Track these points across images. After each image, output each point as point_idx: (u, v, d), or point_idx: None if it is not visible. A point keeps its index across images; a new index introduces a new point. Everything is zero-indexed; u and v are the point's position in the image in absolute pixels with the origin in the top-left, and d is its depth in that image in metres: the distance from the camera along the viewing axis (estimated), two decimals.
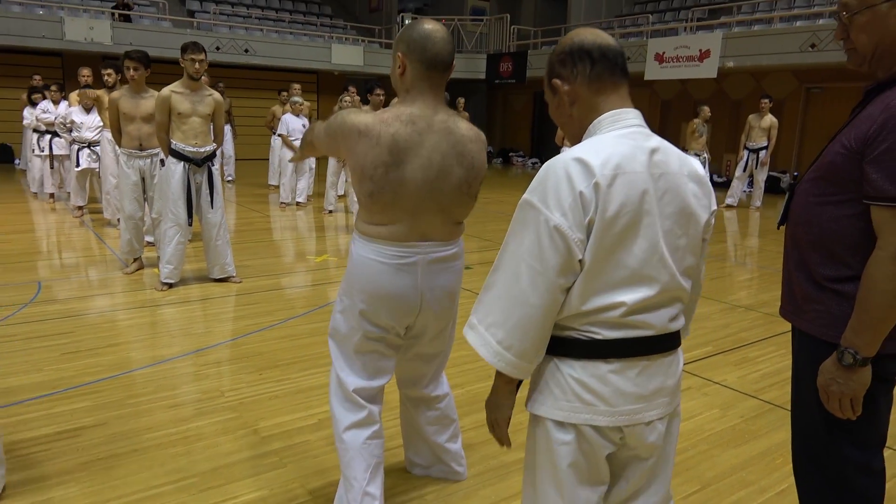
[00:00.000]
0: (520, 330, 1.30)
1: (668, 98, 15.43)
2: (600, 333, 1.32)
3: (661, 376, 1.39)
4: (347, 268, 2.06)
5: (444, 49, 1.90)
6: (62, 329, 3.98)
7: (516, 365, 1.33)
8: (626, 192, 1.27)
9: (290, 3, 19.27)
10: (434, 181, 1.90)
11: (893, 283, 1.38)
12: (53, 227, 7.37)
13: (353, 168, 1.91)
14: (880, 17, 1.45)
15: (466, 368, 3.56)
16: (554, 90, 1.41)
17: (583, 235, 1.26)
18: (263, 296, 4.87)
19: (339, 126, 1.93)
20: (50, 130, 8.63)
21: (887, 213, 1.39)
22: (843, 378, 1.48)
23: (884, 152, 1.39)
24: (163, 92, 4.66)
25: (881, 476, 1.64)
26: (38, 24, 13.15)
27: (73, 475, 2.41)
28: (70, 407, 2.95)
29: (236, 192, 10.82)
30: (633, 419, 1.36)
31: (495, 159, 19.65)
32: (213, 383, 3.28)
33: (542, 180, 1.29)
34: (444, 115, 1.93)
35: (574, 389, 1.34)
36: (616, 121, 1.35)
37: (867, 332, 1.43)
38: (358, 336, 2.05)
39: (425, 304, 2.03)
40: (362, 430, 2.10)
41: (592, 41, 1.36)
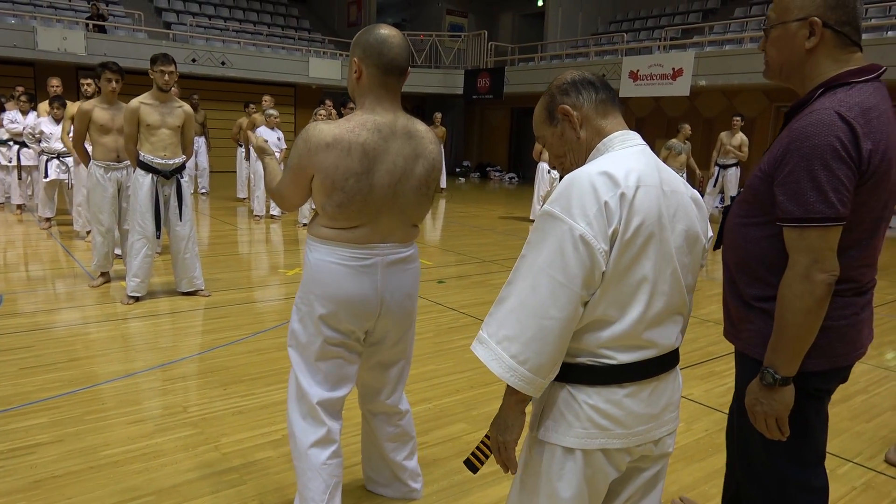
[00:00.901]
0: (537, 343, 1.26)
1: (643, 115, 15.65)
2: (615, 357, 1.32)
3: (669, 393, 1.41)
4: (304, 274, 2.04)
5: (400, 54, 1.90)
6: (22, 343, 3.88)
7: (531, 381, 1.28)
8: (647, 204, 1.28)
9: (268, 16, 19.27)
10: (397, 185, 1.93)
11: (805, 301, 1.40)
12: (19, 239, 7.22)
13: (322, 181, 1.87)
14: (790, 34, 1.50)
15: (435, 383, 3.54)
16: (557, 119, 1.43)
17: (607, 246, 1.25)
18: (232, 309, 4.81)
19: (303, 149, 1.88)
20: (18, 141, 8.49)
21: (794, 233, 1.43)
22: (766, 398, 1.49)
23: (787, 175, 1.42)
24: (132, 103, 4.61)
25: (824, 492, 1.65)
26: (10, 33, 12.99)
27: (24, 494, 2.34)
28: (25, 423, 2.87)
29: (210, 205, 10.72)
30: (645, 438, 1.38)
31: (472, 174, 19.73)
32: (177, 399, 3.22)
33: (566, 191, 1.27)
34: (403, 120, 1.96)
35: (590, 416, 1.33)
36: (626, 139, 1.38)
37: (785, 351, 1.45)
38: (318, 342, 2.01)
39: (385, 306, 2.03)
40: (323, 450, 2.06)
41: (591, 76, 1.43)
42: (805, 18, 1.47)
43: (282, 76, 16.21)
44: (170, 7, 17.43)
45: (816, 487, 1.63)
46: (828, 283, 1.41)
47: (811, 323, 1.42)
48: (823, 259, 1.40)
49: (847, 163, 1.38)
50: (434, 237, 8.72)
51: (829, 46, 1.48)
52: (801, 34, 1.48)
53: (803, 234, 1.41)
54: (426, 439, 2.89)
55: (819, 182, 1.38)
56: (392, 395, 2.28)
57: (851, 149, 1.38)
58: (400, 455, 2.37)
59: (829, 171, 1.37)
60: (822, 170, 1.38)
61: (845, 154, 1.38)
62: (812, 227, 1.40)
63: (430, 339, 4.32)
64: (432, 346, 4.15)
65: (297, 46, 17.68)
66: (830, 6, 1.45)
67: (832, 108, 1.40)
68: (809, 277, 1.40)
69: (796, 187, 1.41)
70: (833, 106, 1.40)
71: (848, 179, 1.39)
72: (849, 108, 1.40)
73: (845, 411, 3.40)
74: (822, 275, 1.40)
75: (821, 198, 1.38)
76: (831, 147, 1.37)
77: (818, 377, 1.53)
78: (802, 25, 1.47)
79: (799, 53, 1.50)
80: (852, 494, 2.59)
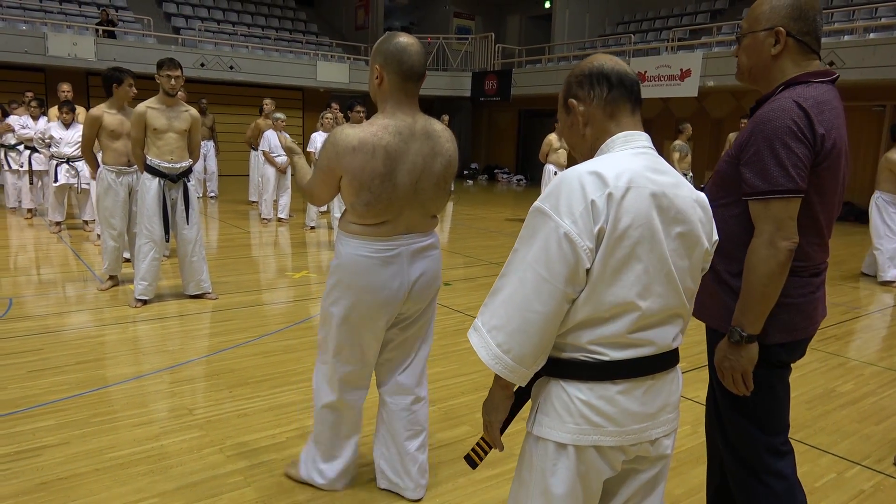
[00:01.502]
0: (520, 335, 1.30)
1: (650, 116, 15.60)
2: (608, 354, 1.33)
3: (666, 393, 1.41)
4: (335, 265, 2.22)
5: (418, 61, 2.08)
6: (31, 346, 3.91)
7: (513, 369, 1.33)
8: (637, 206, 1.29)
9: (276, 20, 19.37)
10: (417, 182, 2.11)
11: (769, 264, 1.58)
12: (30, 243, 7.28)
13: (350, 182, 2.06)
14: (758, 42, 1.71)
15: (440, 385, 3.53)
16: (569, 109, 1.45)
17: (591, 244, 1.27)
18: (239, 312, 4.82)
19: (331, 153, 2.06)
20: (29, 146, 8.56)
21: (759, 205, 1.61)
22: (734, 354, 1.67)
23: (753, 154, 1.61)
24: (138, 108, 4.63)
25: (791, 458, 1.82)
26: (21, 39, 13.11)
27: (30, 495, 2.36)
28: (33, 426, 2.89)
29: (219, 208, 10.77)
30: (640, 437, 1.37)
31: (480, 176, 19.73)
32: (183, 401, 3.23)
33: (556, 189, 1.31)
34: (422, 121, 2.14)
35: (582, 412, 1.34)
36: (628, 141, 1.39)
37: (750, 312, 1.62)
38: (347, 326, 2.22)
39: (412, 291, 2.22)
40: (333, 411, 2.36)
41: (612, 67, 1.42)
42: (771, 28, 1.68)
43: (289, 80, 16.28)
44: (178, 12, 17.55)
45: (784, 452, 1.80)
46: (789, 248, 1.59)
47: (774, 285, 1.60)
48: (785, 227, 1.58)
49: (804, 142, 1.57)
50: (442, 239, 8.73)
51: (793, 53, 1.69)
52: (767, 42, 1.69)
53: (768, 206, 1.59)
54: (432, 441, 2.88)
55: (780, 159, 1.57)
56: (411, 373, 2.41)
57: (807, 131, 1.57)
58: (413, 444, 2.41)
59: (788, 149, 1.56)
60: (782, 148, 1.57)
61: (801, 135, 1.57)
62: (775, 199, 1.58)
63: (435, 341, 4.30)
64: (438, 349, 4.15)
65: (304, 50, 17.76)
66: (794, 18, 1.66)
67: (791, 98, 1.60)
68: (773, 244, 1.58)
69: (761, 164, 1.59)
70: (791, 96, 1.61)
71: (805, 157, 1.58)
72: (805, 98, 1.60)
73: (854, 413, 3.37)
74: (785, 242, 1.58)
75: (783, 172, 1.57)
76: (789, 128, 1.57)
77: (782, 349, 1.71)
78: (769, 34, 1.68)
79: (766, 59, 1.71)
80: (860, 498, 2.57)
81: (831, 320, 5.18)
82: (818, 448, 2.97)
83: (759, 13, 1.70)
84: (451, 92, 18.40)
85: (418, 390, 2.43)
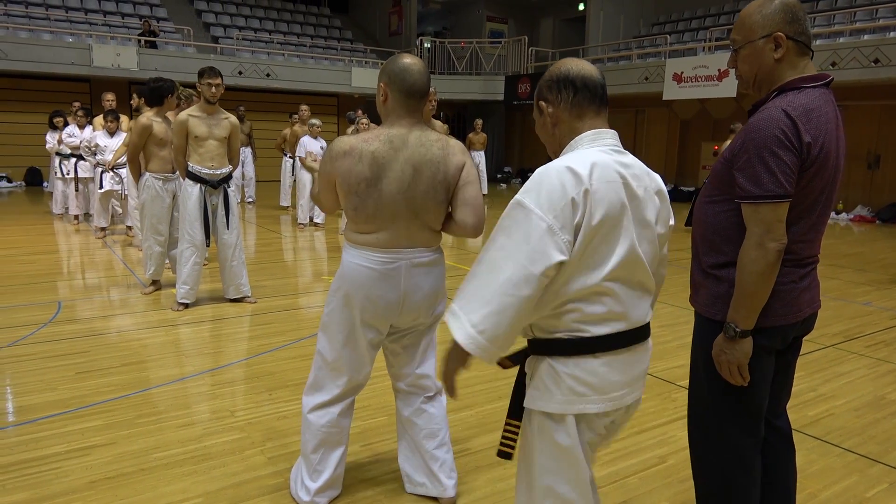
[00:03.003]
0: (495, 317, 1.43)
1: (688, 118, 15.37)
2: (588, 331, 1.50)
3: (640, 363, 1.60)
4: (338, 272, 2.28)
5: (419, 80, 2.17)
6: (79, 348, 4.03)
7: (486, 349, 1.46)
8: (609, 198, 1.45)
9: (312, 27, 19.65)
10: (406, 191, 2.13)
11: (759, 264, 1.68)
12: (76, 248, 7.51)
13: (341, 185, 2.15)
14: (758, 50, 1.78)
15: (476, 390, 3.53)
16: (540, 111, 1.62)
17: (570, 237, 1.43)
18: (277, 316, 4.89)
19: (327, 158, 2.17)
20: (75, 154, 8.84)
21: (750, 208, 1.71)
22: (729, 349, 1.75)
23: (745, 161, 1.71)
24: (180, 116, 4.75)
25: (756, 442, 1.89)
26: (68, 51, 13.56)
27: (80, 494, 2.43)
28: (81, 426, 2.98)
29: (256, 213, 10.95)
30: (619, 403, 1.55)
31: (514, 179, 19.68)
32: (224, 403, 3.29)
33: (537, 185, 1.45)
34: (418, 132, 2.18)
35: (568, 384, 1.50)
36: (595, 139, 1.55)
37: (743, 308, 1.72)
38: (344, 332, 2.26)
39: (406, 305, 2.24)
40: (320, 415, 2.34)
41: (577, 72, 1.57)
42: (770, 35, 1.76)
43: (325, 86, 16.49)
44: (217, 22, 17.94)
45: (757, 436, 1.89)
46: (777, 249, 1.68)
47: (765, 283, 1.70)
48: (774, 230, 1.68)
49: (791, 150, 1.66)
50: (475, 243, 8.72)
51: (792, 55, 1.78)
52: (768, 48, 1.77)
53: (758, 209, 1.69)
54: (468, 446, 2.88)
55: (769, 166, 1.66)
56: (423, 365, 2.42)
57: (794, 139, 1.66)
58: (431, 443, 2.42)
59: (776, 157, 1.66)
60: (770, 156, 1.66)
61: (788, 143, 1.66)
62: (764, 203, 1.68)
63: None
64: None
65: (339, 57, 17.97)
66: (788, 21, 1.75)
67: (780, 107, 1.69)
68: (763, 245, 1.67)
69: (752, 171, 1.69)
70: (781, 105, 1.69)
71: (792, 164, 1.67)
72: (794, 107, 1.68)
73: None
74: (773, 243, 1.67)
75: (772, 179, 1.66)
76: (776, 137, 1.66)
77: (760, 334, 1.77)
78: (769, 41, 1.76)
79: (769, 65, 1.78)
80: None
81: (880, 325, 5.02)
82: (868, 457, 2.88)
83: (752, 22, 1.79)
84: (484, 96, 18.40)
85: (430, 381, 2.43)
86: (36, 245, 7.54)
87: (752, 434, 1.88)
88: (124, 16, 16.44)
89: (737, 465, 1.88)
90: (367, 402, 3.29)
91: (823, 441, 3.03)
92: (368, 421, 3.11)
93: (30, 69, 13.38)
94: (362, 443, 2.89)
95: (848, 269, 7.41)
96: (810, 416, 3.31)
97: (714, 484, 1.94)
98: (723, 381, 1.82)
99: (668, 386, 3.67)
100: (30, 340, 4.15)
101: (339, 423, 2.35)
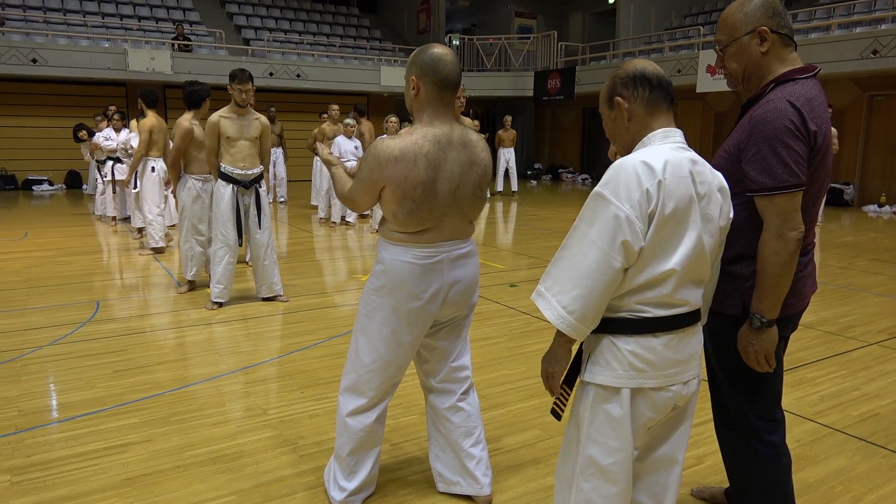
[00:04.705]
0: (582, 299, 1.56)
1: (722, 110, 15.06)
2: (651, 312, 1.60)
3: (694, 344, 1.69)
4: (379, 270, 2.21)
5: (453, 70, 2.10)
6: (116, 347, 4.11)
7: (576, 328, 1.59)
8: (679, 192, 1.55)
9: (341, 27, 19.76)
10: (455, 190, 2.13)
11: (780, 255, 1.72)
12: (114, 249, 7.68)
13: (393, 192, 2.06)
14: (744, 46, 1.86)
15: (508, 388, 3.50)
16: (614, 106, 1.70)
17: (645, 226, 1.54)
18: (309, 314, 4.93)
19: (374, 164, 2.07)
20: (112, 157, 9.03)
21: (766, 200, 1.75)
22: (756, 339, 1.80)
23: (754, 154, 1.75)
24: (212, 118, 4.81)
25: (782, 423, 1.99)
26: (104, 56, 13.87)
27: (117, 490, 2.47)
28: (118, 423, 3.03)
29: (288, 213, 11.06)
30: (675, 379, 1.65)
31: (544, 176, 19.53)
32: (257, 401, 3.32)
33: (614, 177, 1.55)
34: (459, 130, 2.15)
35: (629, 360, 1.61)
36: (666, 136, 1.64)
37: (767, 299, 1.76)
38: (386, 331, 2.21)
39: (448, 298, 2.23)
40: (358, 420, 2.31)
41: (652, 71, 1.67)
42: (754, 30, 1.83)
43: (354, 86, 16.57)
44: (248, 24, 18.16)
45: (777, 418, 1.97)
46: (797, 238, 1.72)
47: (787, 273, 1.74)
48: (792, 219, 1.72)
49: (801, 139, 1.71)
50: (506, 241, 8.68)
51: (777, 47, 1.84)
52: (753, 43, 1.84)
53: (773, 201, 1.73)
54: (500, 445, 2.85)
55: (782, 157, 1.71)
56: (460, 358, 2.41)
57: (802, 129, 1.71)
58: (468, 441, 2.39)
59: (788, 147, 1.71)
60: (782, 147, 1.71)
61: (798, 133, 1.71)
62: (780, 194, 1.72)
63: (502, 343, 4.28)
64: (505, 351, 4.11)
65: (368, 56, 18.05)
66: (769, 16, 1.83)
67: (784, 98, 1.73)
68: (782, 235, 1.72)
69: (764, 163, 1.73)
70: (784, 96, 1.74)
71: (803, 153, 1.72)
72: (796, 97, 1.73)
73: None
74: (792, 232, 1.72)
75: (786, 169, 1.71)
76: (787, 128, 1.70)
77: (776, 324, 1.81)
78: (753, 36, 1.84)
79: (756, 59, 1.85)
80: None
81: None
82: None
83: (734, 21, 1.86)
84: (513, 92, 18.29)
85: (464, 372, 2.41)
86: (75, 246, 7.73)
87: (774, 419, 1.96)
88: (158, 20, 16.75)
89: (766, 450, 1.95)
90: (395, 400, 3.28)
91: (868, 442, 2.93)
92: (398, 420, 3.10)
93: (68, 75, 13.72)
94: (391, 442, 2.89)
95: (891, 263, 7.17)
96: (854, 417, 3.20)
97: (748, 472, 1.99)
98: (739, 372, 1.90)
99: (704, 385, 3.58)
100: (69, 339, 4.25)
101: (374, 428, 2.33)
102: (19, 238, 8.23)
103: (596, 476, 1.68)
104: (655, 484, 1.81)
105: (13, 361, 3.82)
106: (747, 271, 1.83)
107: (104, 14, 16.19)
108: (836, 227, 9.97)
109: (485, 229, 9.60)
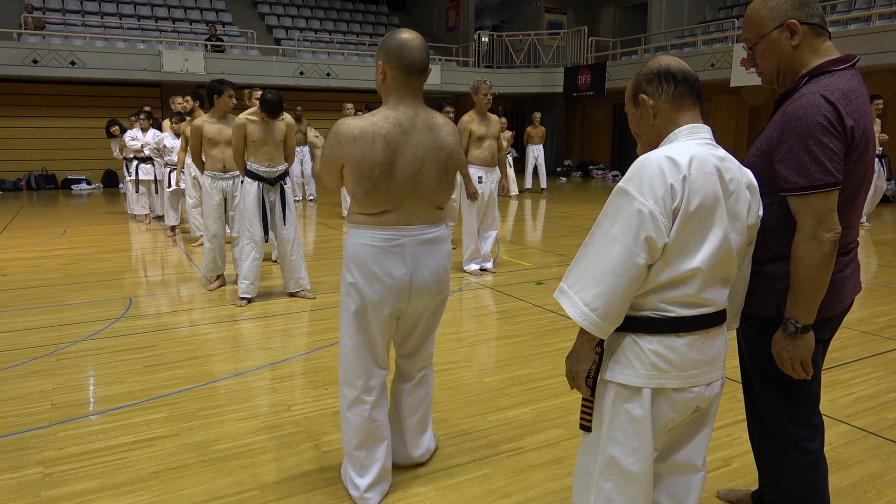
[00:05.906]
0: (606, 296, 1.52)
1: (757, 105, 14.73)
2: (675, 311, 1.57)
3: (718, 344, 1.65)
4: (344, 257, 2.27)
5: (419, 56, 2.11)
6: (147, 343, 4.20)
7: (599, 325, 1.55)
8: (705, 188, 1.51)
9: (370, 26, 19.86)
10: (417, 174, 2.14)
11: (815, 258, 1.63)
12: (148, 247, 7.84)
13: (351, 170, 2.11)
14: (773, 41, 1.77)
15: (531, 387, 3.47)
16: (639, 103, 1.67)
17: (669, 222, 1.50)
18: (336, 311, 4.95)
19: (333, 142, 2.12)
20: (138, 156, 9.21)
21: (799, 200, 1.66)
22: (791, 345, 1.71)
23: (787, 152, 1.67)
24: (238, 119, 4.89)
25: (821, 430, 1.90)
26: (140, 57, 14.16)
27: (144, 483, 2.51)
28: (147, 418, 3.09)
29: (317, 211, 11.16)
30: (697, 381, 1.62)
31: (574, 172, 19.36)
32: (282, 397, 3.36)
33: (638, 172, 1.52)
34: (424, 114, 2.17)
35: (651, 360, 1.58)
36: (693, 132, 1.61)
37: (802, 303, 1.67)
38: (359, 316, 2.26)
39: (415, 284, 2.23)
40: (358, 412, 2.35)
41: (677, 67, 1.64)
42: (782, 24, 1.74)
43: None
44: (279, 24, 18.37)
45: (815, 424, 1.89)
46: (833, 240, 1.63)
47: (822, 276, 1.65)
48: (827, 220, 1.64)
49: (836, 136, 1.62)
50: (534, 238, 8.63)
51: (809, 39, 1.74)
52: (783, 37, 1.75)
53: (807, 200, 1.64)
54: (522, 444, 2.83)
55: (815, 155, 1.62)
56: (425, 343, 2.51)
57: (837, 125, 1.62)
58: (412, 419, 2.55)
59: (821, 145, 1.62)
60: (816, 145, 1.62)
61: (832, 129, 1.62)
62: (814, 194, 1.63)
63: (528, 341, 4.25)
64: (531, 349, 4.08)
65: None
66: (795, 6, 1.73)
67: (818, 93, 1.64)
68: (817, 237, 1.63)
69: (797, 162, 1.64)
70: (818, 90, 1.65)
71: (839, 150, 1.63)
72: (831, 91, 1.64)
73: None
74: (828, 233, 1.63)
75: (820, 168, 1.62)
76: (820, 125, 1.62)
77: (812, 327, 1.72)
78: (782, 30, 1.74)
79: (788, 54, 1.76)
80: None
81: None
82: None
83: (760, 17, 1.77)
84: (543, 88, 18.16)
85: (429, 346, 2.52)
86: (110, 244, 7.91)
87: (812, 425, 1.88)
88: (192, 22, 17.05)
89: (803, 458, 1.86)
90: None
91: None
92: None
93: (105, 76, 14.04)
94: None
95: None
96: (889, 420, 3.10)
97: (783, 481, 1.91)
98: (774, 377, 1.81)
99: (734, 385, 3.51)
100: (103, 335, 4.35)
101: (374, 417, 2.34)
102: (58, 236, 8.45)
103: (617, 476, 1.66)
104: (676, 485, 1.78)
105: (49, 356, 3.93)
106: (781, 271, 1.75)
107: (140, 16, 16.54)
108: (877, 224, 9.68)
109: (512, 226, 9.56)
